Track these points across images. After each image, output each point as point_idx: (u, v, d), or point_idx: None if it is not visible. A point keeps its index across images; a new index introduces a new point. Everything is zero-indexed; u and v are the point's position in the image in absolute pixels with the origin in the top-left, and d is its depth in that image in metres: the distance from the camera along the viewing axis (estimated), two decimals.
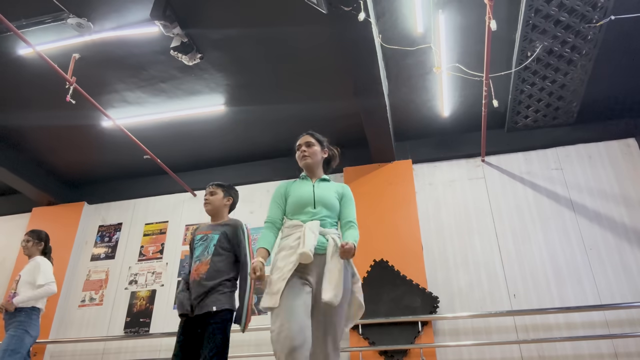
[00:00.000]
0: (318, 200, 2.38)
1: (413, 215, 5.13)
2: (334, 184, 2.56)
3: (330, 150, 2.67)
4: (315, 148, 2.54)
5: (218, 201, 3.02)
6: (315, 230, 2.24)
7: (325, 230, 2.31)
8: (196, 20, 4.06)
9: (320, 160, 2.56)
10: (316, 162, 2.53)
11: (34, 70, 4.57)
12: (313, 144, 2.54)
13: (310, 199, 2.39)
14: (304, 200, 2.39)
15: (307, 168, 2.53)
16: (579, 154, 5.16)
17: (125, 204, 6.36)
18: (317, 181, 2.52)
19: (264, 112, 5.23)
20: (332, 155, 2.68)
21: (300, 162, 2.54)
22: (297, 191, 2.45)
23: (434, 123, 5.41)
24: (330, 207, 2.38)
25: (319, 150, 2.56)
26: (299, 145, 2.57)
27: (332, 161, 2.69)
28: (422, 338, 4.47)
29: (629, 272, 4.47)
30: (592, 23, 3.85)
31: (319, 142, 2.58)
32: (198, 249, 2.90)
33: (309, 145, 2.53)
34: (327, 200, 2.39)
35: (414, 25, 4.06)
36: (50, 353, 5.53)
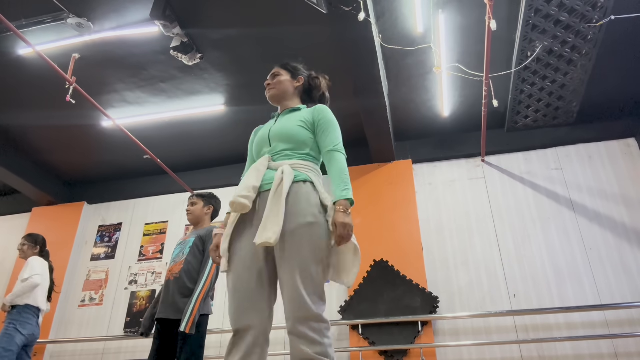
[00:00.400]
0: (273, 134, 1.97)
1: (413, 215, 5.13)
2: (306, 110, 2.06)
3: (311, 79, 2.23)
4: (282, 78, 2.13)
5: (199, 211, 3.15)
6: (262, 167, 1.86)
7: (277, 164, 1.87)
8: (196, 20, 4.06)
9: (291, 90, 2.13)
10: (282, 92, 2.11)
11: (34, 70, 4.57)
12: (279, 74, 2.14)
13: (266, 135, 2.00)
14: (261, 140, 2.02)
15: (273, 101, 2.14)
16: (579, 154, 5.16)
17: (125, 204, 6.36)
18: (282, 113, 2.10)
19: (264, 112, 5.22)
20: (315, 85, 2.22)
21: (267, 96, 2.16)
22: (260, 133, 2.10)
23: (434, 123, 5.41)
24: (289, 139, 1.92)
25: (288, 79, 2.14)
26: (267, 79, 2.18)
27: (314, 91, 2.22)
28: (422, 338, 4.47)
29: (629, 272, 4.47)
30: (592, 23, 3.85)
31: (290, 71, 2.17)
32: (174, 252, 3.05)
33: (274, 76, 2.15)
34: (284, 132, 1.93)
35: (414, 25, 4.06)
36: (50, 353, 5.53)
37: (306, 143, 1.94)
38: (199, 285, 2.77)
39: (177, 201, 6.17)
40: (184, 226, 5.93)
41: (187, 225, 5.94)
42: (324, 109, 2.03)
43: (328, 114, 2.01)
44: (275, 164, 1.89)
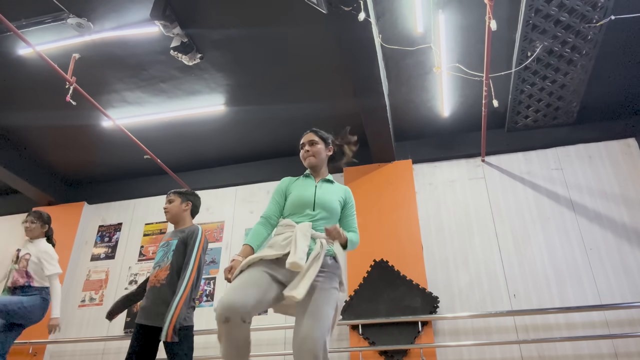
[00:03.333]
0: (318, 202, 2.29)
1: (413, 215, 5.13)
2: (338, 186, 2.45)
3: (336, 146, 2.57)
4: (319, 147, 2.44)
5: (176, 208, 3.06)
6: (308, 233, 2.17)
7: (316, 234, 2.21)
8: (196, 20, 4.06)
9: (325, 159, 2.47)
10: (320, 161, 2.43)
11: (34, 70, 4.57)
12: (317, 142, 2.45)
13: (311, 200, 2.30)
14: (304, 201, 2.30)
15: (311, 168, 2.45)
16: (579, 154, 5.16)
17: (125, 204, 6.36)
18: (320, 181, 2.41)
19: (264, 112, 5.23)
20: (337, 152, 2.58)
21: (304, 161, 2.45)
22: (298, 190, 2.36)
23: (434, 123, 5.41)
24: (329, 210, 2.30)
25: (323, 148, 2.46)
26: (303, 144, 2.48)
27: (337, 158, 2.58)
28: (422, 338, 4.47)
29: (629, 272, 4.47)
30: (592, 23, 3.85)
31: (323, 140, 2.49)
32: (158, 255, 2.94)
33: (312, 144, 2.44)
34: (327, 203, 2.30)
35: (414, 25, 4.06)
36: (50, 353, 5.53)
37: (338, 217, 2.37)
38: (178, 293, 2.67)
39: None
40: None
41: None
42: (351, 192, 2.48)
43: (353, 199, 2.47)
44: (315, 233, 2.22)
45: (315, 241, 2.19)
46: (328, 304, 2.05)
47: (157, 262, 2.90)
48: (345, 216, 2.39)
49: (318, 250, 2.13)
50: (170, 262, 2.83)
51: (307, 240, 2.14)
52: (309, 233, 2.17)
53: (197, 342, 5.17)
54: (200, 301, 5.36)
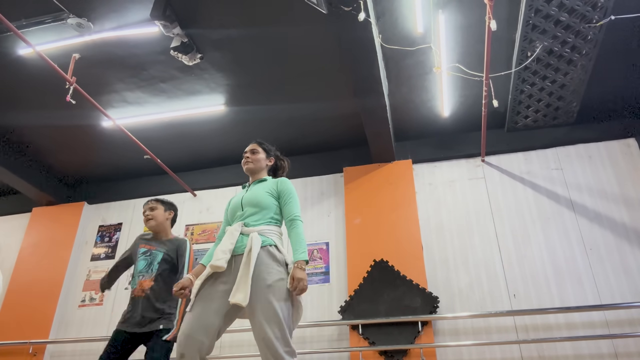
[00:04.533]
0: (245, 201, 2.41)
1: (413, 215, 5.13)
2: (272, 181, 2.52)
3: (279, 160, 2.72)
4: (260, 156, 2.59)
5: (160, 216, 3.02)
6: (235, 232, 2.27)
7: (248, 229, 2.30)
8: (196, 20, 4.06)
9: (264, 167, 2.60)
10: (258, 168, 2.57)
11: (34, 70, 4.57)
12: (258, 151, 2.60)
13: (239, 202, 2.43)
14: (235, 205, 2.44)
15: (249, 173, 2.58)
16: (579, 154, 5.16)
17: (125, 204, 6.36)
18: (252, 184, 2.54)
19: (264, 112, 5.23)
20: (280, 165, 2.73)
21: (243, 168, 2.59)
22: (233, 200, 2.51)
23: (434, 123, 5.41)
24: (257, 205, 2.37)
25: (264, 157, 2.61)
26: (245, 152, 2.63)
27: (279, 170, 2.73)
28: (422, 338, 4.47)
29: (629, 272, 4.47)
30: (592, 23, 3.85)
31: (265, 151, 2.64)
32: (141, 263, 2.91)
33: (253, 153, 2.59)
34: (254, 199, 2.38)
35: (414, 25, 4.06)
36: (50, 353, 5.53)
37: (271, 208, 2.39)
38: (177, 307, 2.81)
39: (177, 201, 6.12)
40: (184, 226, 5.92)
41: (187, 225, 5.94)
42: (286, 181, 2.49)
43: (289, 186, 2.46)
44: (246, 229, 2.31)
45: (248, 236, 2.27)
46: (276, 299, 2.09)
47: (140, 272, 2.89)
48: (282, 205, 2.42)
49: (250, 245, 2.20)
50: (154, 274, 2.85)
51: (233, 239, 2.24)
52: (236, 231, 2.28)
53: None
54: None
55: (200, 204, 6.03)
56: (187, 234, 5.87)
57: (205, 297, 2.17)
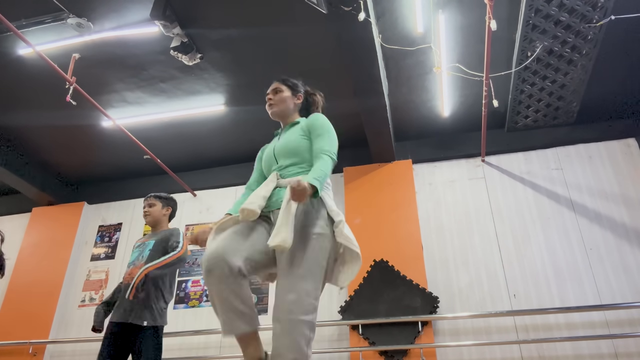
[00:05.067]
0: (278, 151, 2.05)
1: (413, 215, 5.13)
2: (304, 120, 2.13)
3: (309, 95, 2.30)
4: (284, 94, 2.19)
5: (157, 212, 3.10)
6: (271, 183, 1.95)
7: (285, 181, 1.95)
8: (196, 20, 4.06)
9: (292, 107, 2.20)
10: (284, 109, 2.17)
11: (34, 70, 4.57)
12: (281, 90, 2.20)
13: (271, 154, 2.09)
14: (269, 158, 2.10)
15: (276, 118, 2.21)
16: (579, 154, 5.16)
17: (125, 204, 6.36)
18: (283, 130, 2.18)
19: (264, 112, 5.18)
20: (312, 101, 2.30)
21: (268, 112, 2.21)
22: (267, 151, 2.17)
23: (434, 123, 5.40)
24: (292, 152, 2.00)
25: (289, 96, 2.20)
26: (267, 93, 2.24)
27: (312, 107, 2.29)
28: (422, 338, 4.47)
29: (629, 272, 4.47)
30: (592, 23, 3.85)
31: (290, 88, 2.23)
32: (133, 255, 2.98)
33: (276, 92, 2.20)
34: (286, 146, 2.03)
35: (414, 25, 4.06)
36: (50, 353, 5.53)
37: (307, 151, 2.00)
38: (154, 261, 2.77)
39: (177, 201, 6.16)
40: (184, 226, 5.93)
41: (187, 225, 5.94)
42: (319, 115, 2.09)
43: (322, 119, 2.06)
44: (283, 181, 1.96)
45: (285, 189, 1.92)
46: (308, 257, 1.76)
47: (132, 262, 2.95)
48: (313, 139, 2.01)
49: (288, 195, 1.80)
50: (144, 260, 2.87)
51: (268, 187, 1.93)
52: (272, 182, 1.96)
53: (196, 342, 5.21)
54: (200, 301, 5.36)
55: (200, 204, 6.03)
56: (187, 234, 5.86)
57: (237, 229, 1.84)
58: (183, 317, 5.29)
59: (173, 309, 5.36)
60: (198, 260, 5.61)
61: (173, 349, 5.11)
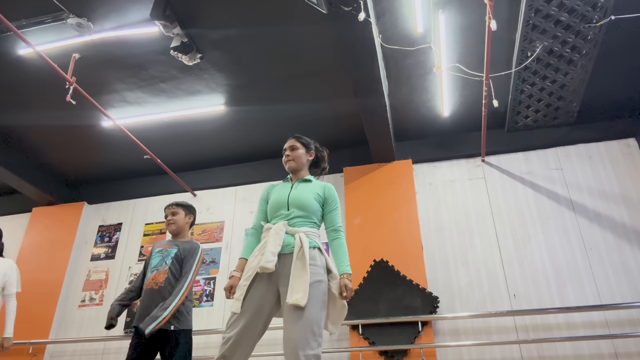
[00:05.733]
0: (292, 201, 2.39)
1: (413, 215, 5.13)
2: (317, 183, 2.53)
3: (318, 152, 2.69)
4: (300, 152, 2.56)
5: (181, 220, 3.14)
6: (281, 232, 2.27)
7: (294, 230, 2.30)
8: (196, 20, 4.06)
9: (305, 163, 2.59)
10: (300, 165, 2.54)
11: (34, 70, 4.57)
12: (297, 147, 2.57)
13: (285, 200, 2.41)
14: (280, 202, 2.41)
15: (291, 171, 2.56)
16: (579, 154, 5.16)
17: (125, 204, 6.36)
18: (297, 182, 2.52)
19: (264, 112, 5.23)
20: (321, 157, 2.71)
21: (285, 166, 2.57)
22: (275, 194, 2.48)
23: (434, 123, 5.41)
24: (304, 208, 2.36)
25: (304, 153, 2.58)
26: (284, 149, 2.60)
27: (321, 162, 2.72)
28: (422, 338, 4.47)
29: (629, 272, 4.47)
30: (592, 23, 3.85)
31: (304, 146, 2.60)
32: (155, 260, 3.00)
33: (292, 149, 2.56)
34: (302, 201, 2.37)
35: (414, 25, 4.06)
36: (50, 353, 5.53)
37: (316, 213, 2.40)
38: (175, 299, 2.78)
39: None
40: None
41: None
42: (333, 189, 2.51)
43: (335, 195, 2.49)
44: (291, 229, 2.30)
45: (293, 236, 2.28)
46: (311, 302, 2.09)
47: (155, 267, 2.96)
48: (327, 212, 2.45)
49: (299, 245, 2.22)
50: (168, 267, 2.91)
51: (279, 240, 2.23)
52: (282, 231, 2.27)
53: (197, 342, 5.20)
54: (200, 301, 5.36)
55: (200, 204, 6.03)
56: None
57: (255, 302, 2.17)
58: None
59: None
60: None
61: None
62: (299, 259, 2.17)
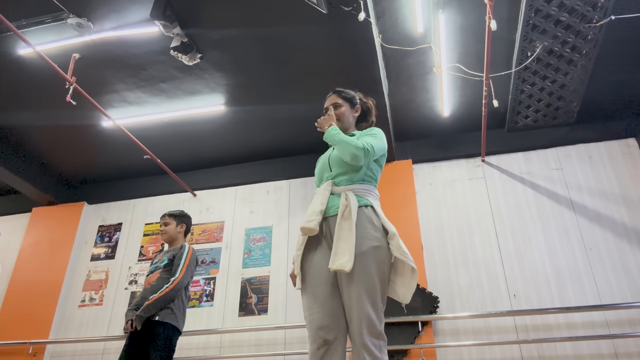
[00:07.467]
0: (333, 160, 2.12)
1: (413, 215, 5.13)
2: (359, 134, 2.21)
3: (364, 104, 2.36)
4: (343, 109, 2.25)
5: (172, 230, 3.33)
6: (325, 192, 2.02)
7: (340, 188, 2.03)
8: (196, 20, 4.06)
9: (352, 120, 2.28)
10: (346, 124, 2.24)
11: (34, 70, 4.57)
12: (340, 104, 2.26)
13: (326, 162, 2.16)
14: (323, 166, 2.18)
15: None
16: (579, 154, 5.16)
17: (125, 204, 6.36)
18: None
19: (264, 112, 5.23)
20: (367, 110, 2.38)
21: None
22: (320, 160, 2.24)
23: (434, 123, 5.41)
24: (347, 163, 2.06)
25: (348, 109, 2.27)
26: (326, 108, 2.28)
27: (368, 115, 2.38)
28: (422, 338, 4.47)
29: (629, 272, 4.47)
30: (592, 23, 3.85)
31: (348, 100, 2.29)
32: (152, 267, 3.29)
33: (336, 107, 2.25)
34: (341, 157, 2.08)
35: (414, 25, 4.06)
36: (50, 353, 5.53)
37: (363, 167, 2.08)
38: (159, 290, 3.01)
39: (177, 201, 6.17)
40: None
41: None
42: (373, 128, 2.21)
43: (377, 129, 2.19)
44: (337, 188, 2.04)
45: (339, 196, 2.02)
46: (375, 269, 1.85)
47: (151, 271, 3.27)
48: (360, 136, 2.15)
49: (345, 204, 1.94)
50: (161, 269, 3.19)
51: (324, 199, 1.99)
52: (327, 190, 2.03)
53: (197, 342, 5.20)
54: (200, 301, 5.36)
55: (200, 204, 6.03)
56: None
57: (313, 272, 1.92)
58: None
59: None
60: (198, 260, 5.61)
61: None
62: (344, 219, 1.88)
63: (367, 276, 1.83)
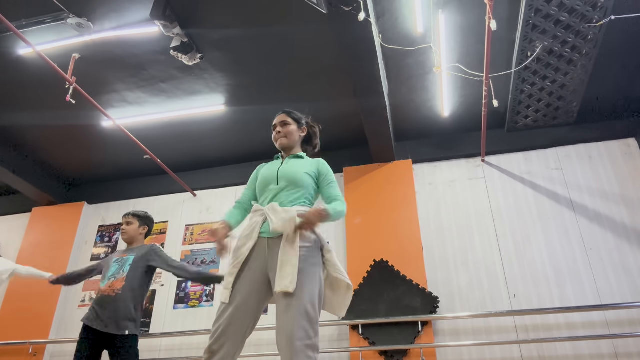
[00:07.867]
0: (281, 175, 2.21)
1: (413, 215, 5.13)
2: (309, 160, 2.34)
3: (310, 127, 2.51)
4: (291, 127, 2.37)
5: (133, 231, 3.21)
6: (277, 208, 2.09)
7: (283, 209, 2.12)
8: (196, 20, 4.06)
9: (298, 139, 2.41)
10: (292, 141, 2.36)
11: (34, 70, 4.57)
12: (289, 123, 2.38)
13: (274, 175, 2.23)
14: (269, 178, 2.24)
15: (283, 149, 2.39)
16: (579, 154, 5.16)
17: (125, 204, 6.36)
18: (288, 158, 2.35)
19: (264, 112, 5.22)
20: (313, 134, 2.53)
21: (275, 143, 2.38)
22: (265, 170, 2.31)
23: (434, 123, 5.41)
24: (295, 182, 2.17)
25: (296, 129, 2.39)
26: (275, 125, 2.42)
27: (313, 138, 2.53)
28: (422, 338, 4.47)
29: (629, 272, 4.47)
30: (592, 23, 3.85)
31: (296, 121, 2.42)
32: (113, 267, 3.07)
33: (284, 125, 2.38)
34: (292, 175, 2.19)
35: (414, 25, 4.06)
36: (50, 353, 5.53)
37: (308, 188, 2.21)
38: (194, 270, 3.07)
39: (177, 201, 6.17)
40: (184, 226, 5.93)
41: (187, 225, 5.94)
42: (326, 163, 2.33)
43: (330, 169, 2.32)
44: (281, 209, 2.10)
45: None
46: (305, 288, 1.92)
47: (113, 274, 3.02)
48: (322, 187, 2.25)
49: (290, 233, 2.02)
50: (126, 274, 2.97)
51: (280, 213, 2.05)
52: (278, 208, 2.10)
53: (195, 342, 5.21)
54: (200, 301, 5.36)
55: (200, 204, 6.03)
56: (187, 234, 5.87)
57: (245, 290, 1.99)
58: (183, 317, 5.29)
59: (173, 309, 5.37)
60: (198, 260, 5.61)
61: (173, 349, 5.11)
62: (288, 242, 1.97)
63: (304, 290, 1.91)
